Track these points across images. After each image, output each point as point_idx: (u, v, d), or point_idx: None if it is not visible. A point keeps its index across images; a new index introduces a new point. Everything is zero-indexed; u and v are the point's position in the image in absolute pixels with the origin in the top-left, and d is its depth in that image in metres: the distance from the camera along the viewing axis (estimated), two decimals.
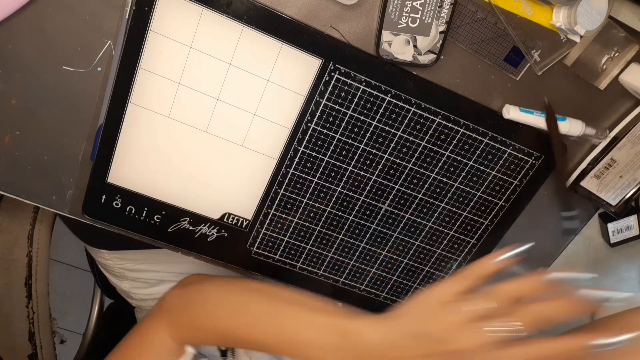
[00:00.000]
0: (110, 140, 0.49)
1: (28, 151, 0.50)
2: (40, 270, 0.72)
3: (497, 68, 0.49)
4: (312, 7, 0.46)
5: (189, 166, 0.51)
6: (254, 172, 0.53)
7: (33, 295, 0.71)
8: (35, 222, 0.71)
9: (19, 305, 0.70)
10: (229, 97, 0.48)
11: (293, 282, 0.60)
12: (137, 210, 0.53)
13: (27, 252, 0.70)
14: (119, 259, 0.72)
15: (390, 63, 0.48)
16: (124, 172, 0.51)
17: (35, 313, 0.72)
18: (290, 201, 0.54)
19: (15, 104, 0.48)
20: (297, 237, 0.57)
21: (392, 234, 0.57)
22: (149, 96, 0.48)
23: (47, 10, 0.44)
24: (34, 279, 0.71)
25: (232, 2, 0.44)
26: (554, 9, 0.47)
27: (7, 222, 0.68)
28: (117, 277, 0.75)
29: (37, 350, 0.73)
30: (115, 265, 0.73)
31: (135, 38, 0.45)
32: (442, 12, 0.46)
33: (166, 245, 0.56)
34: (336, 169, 0.53)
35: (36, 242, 0.71)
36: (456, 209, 0.56)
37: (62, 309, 0.78)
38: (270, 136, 0.51)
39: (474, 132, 0.52)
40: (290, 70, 0.48)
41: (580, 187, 0.55)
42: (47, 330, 0.75)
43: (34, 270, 0.71)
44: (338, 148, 0.52)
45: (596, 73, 0.51)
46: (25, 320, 0.71)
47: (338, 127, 0.51)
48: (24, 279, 0.70)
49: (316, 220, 0.56)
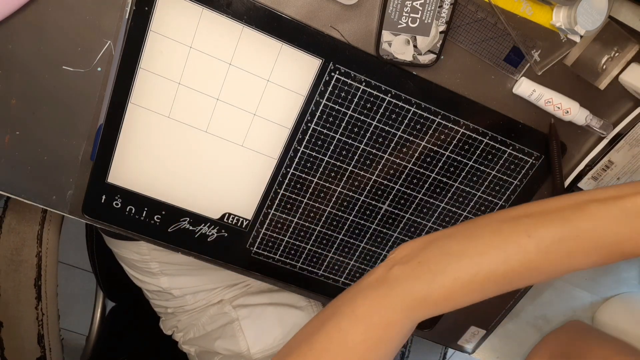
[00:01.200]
0: (110, 140, 0.49)
1: (28, 151, 0.50)
2: (49, 271, 0.71)
3: (497, 68, 0.49)
4: (312, 7, 0.46)
5: (189, 166, 0.51)
6: (254, 172, 0.53)
7: (42, 296, 0.70)
8: (44, 222, 0.70)
9: (28, 307, 0.69)
10: (229, 97, 0.48)
11: (293, 282, 0.60)
12: (137, 210, 0.53)
13: (37, 252, 0.69)
14: (157, 250, 0.68)
15: (390, 63, 0.48)
16: (124, 172, 0.51)
17: (45, 315, 0.71)
18: (290, 201, 0.54)
19: (15, 104, 0.48)
20: (297, 237, 0.57)
21: (392, 234, 0.57)
22: (149, 96, 0.48)
23: (47, 10, 0.44)
24: (44, 279, 0.70)
25: (232, 2, 0.44)
26: (554, 9, 0.47)
27: (15, 222, 0.68)
28: (154, 275, 0.71)
29: (46, 352, 0.72)
30: (153, 259, 0.69)
31: (135, 38, 0.45)
32: (442, 12, 0.46)
33: (166, 246, 0.56)
34: (336, 169, 0.53)
35: (45, 242, 0.70)
36: (456, 209, 0.56)
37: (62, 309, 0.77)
38: (270, 136, 0.51)
39: (474, 132, 0.52)
40: (290, 70, 0.48)
41: (578, 188, 0.55)
42: (56, 332, 0.74)
43: (43, 271, 0.70)
44: (338, 148, 0.52)
45: (596, 73, 0.51)
46: (34, 323, 0.70)
47: (338, 127, 0.51)
48: (33, 280, 0.69)
49: (316, 220, 0.56)
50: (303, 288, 0.61)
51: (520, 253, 0.34)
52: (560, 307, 0.66)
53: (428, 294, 0.35)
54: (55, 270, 0.73)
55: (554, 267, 0.34)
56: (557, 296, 0.65)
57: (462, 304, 0.36)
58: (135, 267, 0.73)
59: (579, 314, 0.67)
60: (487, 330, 0.66)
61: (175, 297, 0.74)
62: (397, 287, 0.37)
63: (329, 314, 0.38)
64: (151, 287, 0.74)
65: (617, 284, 0.64)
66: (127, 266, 0.74)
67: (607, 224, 0.33)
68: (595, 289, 0.65)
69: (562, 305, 0.66)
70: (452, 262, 0.36)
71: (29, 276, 0.69)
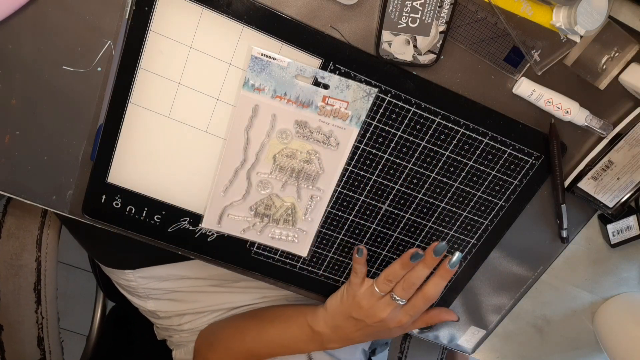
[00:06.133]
0: (110, 140, 0.49)
1: (28, 151, 0.50)
2: (49, 275, 0.71)
3: (497, 68, 0.49)
4: (312, 7, 0.46)
5: (189, 166, 0.51)
6: None
7: (42, 300, 0.71)
8: (43, 227, 0.70)
9: (27, 311, 0.70)
10: (229, 97, 0.48)
11: (293, 282, 0.60)
12: (137, 210, 0.53)
13: (36, 257, 0.70)
14: (143, 277, 0.71)
15: (390, 63, 0.48)
16: (123, 172, 0.51)
17: (45, 318, 0.72)
18: None
19: (15, 104, 0.48)
20: None
21: (392, 234, 0.57)
22: (149, 96, 0.48)
23: (47, 10, 0.44)
24: (43, 283, 0.71)
25: (232, 2, 0.44)
26: (554, 9, 0.47)
27: (15, 227, 0.68)
28: (141, 297, 0.74)
29: (46, 355, 0.72)
30: (139, 285, 0.72)
31: (135, 38, 0.45)
32: (442, 12, 0.46)
33: (166, 246, 0.56)
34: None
35: (45, 246, 0.70)
36: (456, 209, 0.56)
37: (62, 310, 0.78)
38: None
39: (474, 132, 0.52)
40: None
41: (578, 188, 0.55)
42: (56, 335, 0.75)
43: (42, 275, 0.70)
44: None
45: (596, 73, 0.51)
46: (34, 326, 0.71)
47: None
48: (32, 285, 0.70)
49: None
50: (303, 288, 0.61)
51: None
52: (560, 307, 0.66)
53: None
54: (54, 274, 0.73)
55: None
56: (557, 296, 0.65)
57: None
58: (125, 289, 0.76)
59: (579, 314, 0.67)
60: (487, 331, 0.66)
61: (161, 318, 0.76)
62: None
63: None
64: (140, 307, 0.77)
65: (617, 284, 0.64)
66: (119, 287, 0.77)
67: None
68: (595, 289, 0.65)
69: (562, 305, 0.66)
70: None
71: (29, 280, 0.70)
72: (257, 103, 0.48)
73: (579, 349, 0.70)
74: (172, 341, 0.78)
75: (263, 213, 0.54)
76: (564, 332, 0.68)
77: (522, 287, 0.63)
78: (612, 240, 0.60)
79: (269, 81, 0.47)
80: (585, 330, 0.68)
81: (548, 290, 0.64)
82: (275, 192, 0.53)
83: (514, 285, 0.63)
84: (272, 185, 0.52)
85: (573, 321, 0.67)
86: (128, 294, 0.76)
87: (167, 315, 0.75)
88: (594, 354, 0.70)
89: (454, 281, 0.61)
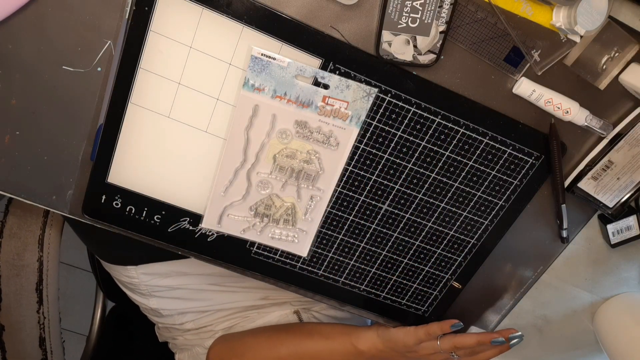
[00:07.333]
0: (110, 140, 0.49)
1: (28, 151, 0.50)
2: (51, 275, 0.71)
3: (497, 68, 0.49)
4: (312, 7, 0.46)
5: (189, 166, 0.51)
6: None
7: (44, 300, 0.71)
8: (45, 227, 0.70)
9: (29, 311, 0.70)
10: (229, 97, 0.48)
11: (293, 282, 0.60)
12: (137, 210, 0.53)
13: (38, 257, 0.69)
14: (146, 274, 0.71)
15: (390, 63, 0.48)
16: (124, 172, 0.51)
17: (46, 318, 0.71)
18: None
19: (15, 104, 0.48)
20: None
21: (392, 234, 0.57)
22: (149, 96, 0.48)
23: (47, 10, 0.44)
24: (45, 284, 0.70)
25: (232, 2, 0.44)
26: (554, 9, 0.47)
27: (16, 227, 0.68)
28: (143, 295, 0.74)
29: (47, 356, 0.72)
30: (142, 282, 0.71)
31: (135, 38, 0.45)
32: (442, 12, 0.46)
33: (166, 246, 0.56)
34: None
35: (47, 246, 0.70)
36: (456, 209, 0.56)
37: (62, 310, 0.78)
38: None
39: (474, 132, 0.52)
40: None
41: (578, 188, 0.55)
42: (57, 335, 0.75)
43: (44, 275, 0.70)
44: None
45: (596, 73, 0.51)
46: (36, 326, 0.71)
47: None
48: (34, 285, 0.70)
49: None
50: (303, 288, 0.61)
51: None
52: (560, 307, 0.66)
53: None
54: (56, 274, 0.73)
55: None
56: (557, 296, 0.65)
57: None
58: (127, 287, 0.75)
59: (579, 314, 0.67)
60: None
61: (163, 316, 0.76)
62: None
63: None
64: (142, 305, 0.76)
65: (617, 284, 0.64)
66: (120, 285, 0.77)
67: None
68: (595, 289, 0.65)
69: (562, 305, 0.66)
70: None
71: (31, 280, 0.69)
72: (257, 103, 0.48)
73: (579, 349, 0.70)
74: (176, 344, 0.78)
75: (263, 213, 0.54)
76: (564, 332, 0.68)
77: (522, 287, 0.63)
78: (612, 240, 0.60)
79: (269, 81, 0.47)
80: (585, 330, 0.68)
81: (548, 290, 0.64)
82: (275, 192, 0.53)
83: (514, 285, 0.63)
84: (272, 185, 0.52)
85: (573, 321, 0.67)
86: (130, 292, 0.76)
87: (169, 314, 0.75)
88: (594, 354, 0.70)
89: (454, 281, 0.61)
